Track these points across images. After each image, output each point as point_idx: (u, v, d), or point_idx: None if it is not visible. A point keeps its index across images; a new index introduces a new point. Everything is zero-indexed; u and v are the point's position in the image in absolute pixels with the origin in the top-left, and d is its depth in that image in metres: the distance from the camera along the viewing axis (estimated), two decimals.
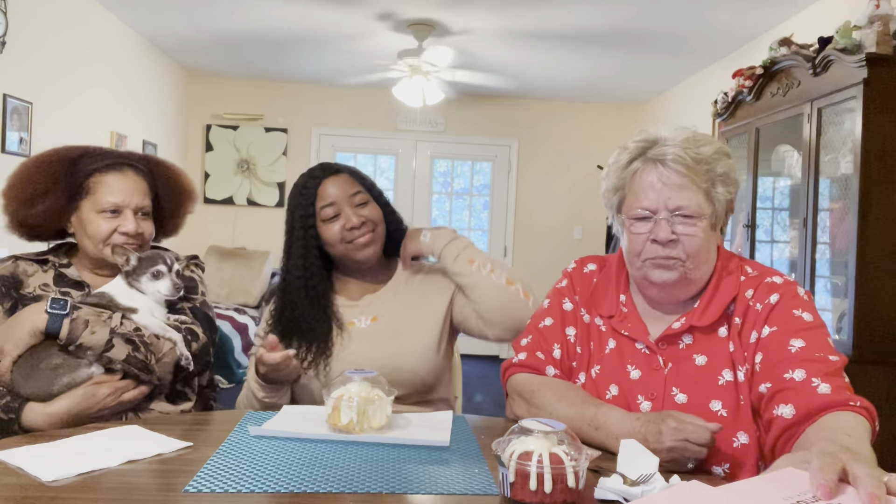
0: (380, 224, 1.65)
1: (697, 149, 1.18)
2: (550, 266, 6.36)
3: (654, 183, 1.19)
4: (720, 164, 1.20)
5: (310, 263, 1.62)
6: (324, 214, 1.61)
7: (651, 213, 1.19)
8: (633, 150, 1.23)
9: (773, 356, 1.11)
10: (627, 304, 1.29)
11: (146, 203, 1.53)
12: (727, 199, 1.22)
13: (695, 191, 1.18)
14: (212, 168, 6.16)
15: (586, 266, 1.38)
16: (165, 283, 1.45)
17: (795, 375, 1.06)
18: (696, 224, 1.18)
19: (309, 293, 1.61)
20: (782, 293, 1.17)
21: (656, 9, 3.90)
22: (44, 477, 0.95)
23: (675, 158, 1.17)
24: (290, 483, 0.96)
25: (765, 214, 3.72)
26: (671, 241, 1.18)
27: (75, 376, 1.32)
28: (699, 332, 1.20)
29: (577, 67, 5.05)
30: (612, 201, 1.28)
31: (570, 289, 1.37)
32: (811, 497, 0.77)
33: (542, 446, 0.91)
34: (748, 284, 1.21)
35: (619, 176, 1.25)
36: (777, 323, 1.14)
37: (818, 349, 1.09)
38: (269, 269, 5.72)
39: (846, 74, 2.75)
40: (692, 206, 1.17)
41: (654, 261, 1.20)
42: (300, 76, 5.94)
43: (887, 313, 2.65)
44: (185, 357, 1.42)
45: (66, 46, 3.94)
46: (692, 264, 1.19)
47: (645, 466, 0.97)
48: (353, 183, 1.65)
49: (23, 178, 1.48)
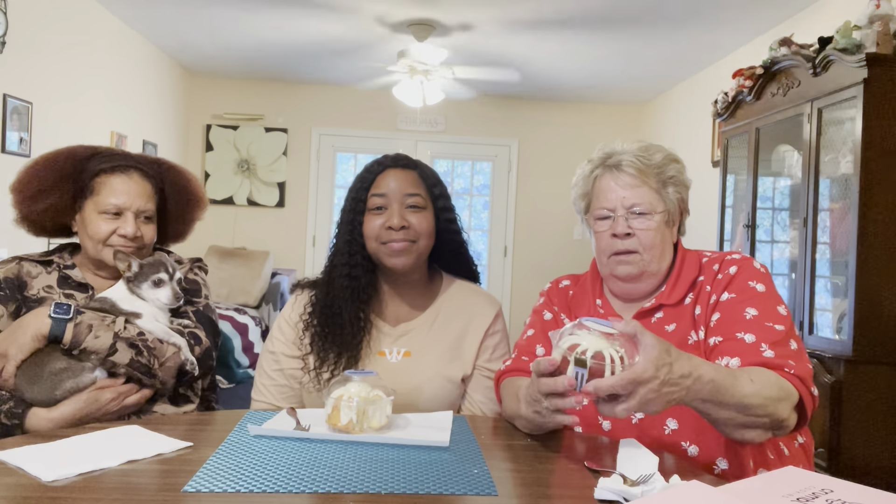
0: (424, 237, 1.51)
1: (649, 156, 1.37)
2: (550, 266, 6.36)
3: (611, 185, 1.37)
4: (669, 168, 1.37)
5: (355, 251, 1.50)
6: (371, 203, 1.50)
7: (610, 211, 1.37)
8: (595, 161, 1.42)
9: (729, 318, 1.26)
10: (604, 306, 1.44)
11: (149, 207, 1.53)
12: (678, 199, 1.39)
13: (647, 190, 1.35)
14: (212, 168, 6.16)
15: (560, 283, 1.54)
16: (166, 292, 1.44)
17: (746, 338, 1.21)
18: (650, 219, 1.34)
19: (352, 283, 1.49)
20: (740, 266, 1.33)
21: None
22: (44, 477, 0.95)
23: (628, 163, 1.36)
24: (289, 483, 0.96)
25: (765, 214, 3.72)
26: (627, 234, 1.34)
27: (79, 381, 1.32)
28: (668, 307, 1.36)
29: (580, 57, 5.02)
30: (581, 207, 1.47)
31: (547, 304, 1.52)
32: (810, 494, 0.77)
33: (603, 346, 1.02)
34: (711, 262, 1.37)
35: (584, 184, 1.44)
36: (735, 291, 1.29)
37: (769, 319, 1.23)
38: (269, 269, 5.72)
39: (846, 74, 2.75)
40: (645, 203, 1.34)
41: (617, 257, 1.36)
42: (300, 76, 5.95)
43: (887, 313, 2.65)
44: (190, 362, 1.42)
45: (66, 46, 3.94)
46: (649, 256, 1.35)
47: (645, 466, 0.97)
48: (417, 184, 1.53)
49: (31, 174, 1.49)
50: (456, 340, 1.55)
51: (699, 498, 0.80)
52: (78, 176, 1.50)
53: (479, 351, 1.56)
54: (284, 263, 6.16)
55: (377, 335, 1.53)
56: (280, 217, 6.26)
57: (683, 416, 1.23)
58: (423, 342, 1.54)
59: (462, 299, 1.61)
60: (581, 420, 1.34)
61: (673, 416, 1.25)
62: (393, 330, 1.54)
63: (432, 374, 1.50)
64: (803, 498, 0.77)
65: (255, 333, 5.13)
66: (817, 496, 0.77)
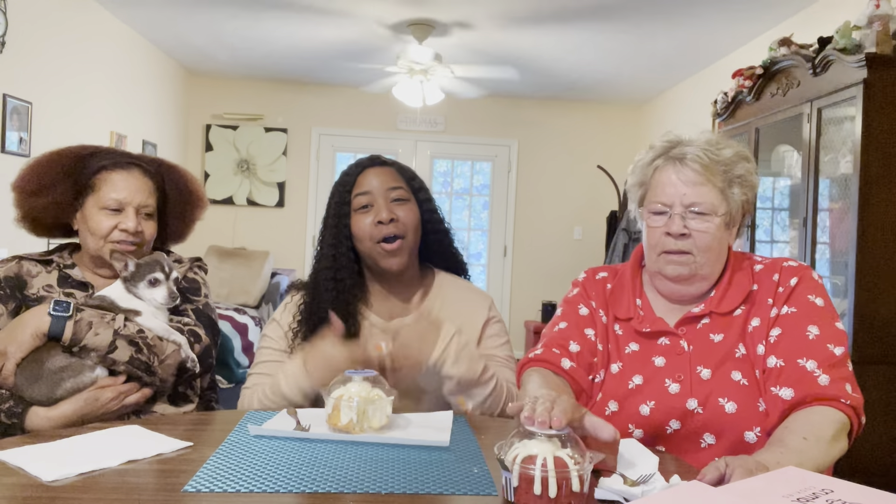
0: (412, 230, 1.53)
1: (717, 151, 1.27)
2: (550, 266, 6.37)
3: (671, 179, 1.27)
4: (738, 167, 1.28)
5: (340, 255, 1.52)
6: (356, 203, 1.52)
7: (667, 207, 1.27)
8: (657, 148, 1.32)
9: (790, 337, 1.21)
10: (644, 306, 1.35)
11: (150, 202, 1.53)
12: (742, 201, 1.29)
13: (710, 189, 1.25)
14: (212, 168, 6.16)
15: (598, 274, 1.45)
16: (161, 292, 1.43)
17: (808, 365, 1.16)
18: (708, 220, 1.25)
19: (337, 285, 1.50)
20: (800, 277, 1.27)
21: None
22: (44, 477, 0.95)
23: (693, 158, 1.26)
24: (290, 483, 0.96)
25: (765, 214, 3.72)
26: (683, 234, 1.25)
27: (79, 380, 1.32)
28: (716, 315, 1.29)
29: (579, 56, 5.01)
30: (636, 195, 1.37)
31: (583, 296, 1.42)
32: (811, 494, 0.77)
33: (545, 450, 0.90)
34: (768, 271, 1.29)
35: (642, 172, 1.34)
36: (796, 305, 1.24)
37: (829, 339, 1.19)
38: (268, 269, 5.72)
39: (846, 74, 2.75)
40: (706, 203, 1.25)
41: (668, 255, 1.28)
42: (300, 76, 5.95)
43: (887, 313, 2.65)
44: (190, 359, 1.42)
45: (66, 46, 3.94)
46: (702, 259, 1.26)
47: (645, 466, 0.97)
48: (396, 178, 1.56)
49: (32, 171, 1.50)
50: None
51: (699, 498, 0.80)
52: (79, 173, 1.51)
53: (481, 341, 1.57)
54: (284, 263, 6.16)
55: (372, 330, 1.53)
56: (280, 217, 6.26)
57: (721, 432, 1.21)
58: None
59: (455, 295, 1.62)
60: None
61: (711, 431, 1.22)
62: (387, 325, 1.55)
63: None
64: (803, 498, 0.77)
65: (255, 333, 5.13)
66: (817, 496, 0.77)
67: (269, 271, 5.72)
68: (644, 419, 1.25)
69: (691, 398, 1.22)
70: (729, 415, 1.19)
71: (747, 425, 1.19)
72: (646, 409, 1.25)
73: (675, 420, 1.23)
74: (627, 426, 1.26)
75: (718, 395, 1.21)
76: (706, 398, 1.21)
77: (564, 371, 1.31)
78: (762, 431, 1.18)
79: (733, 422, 1.19)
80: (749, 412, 1.19)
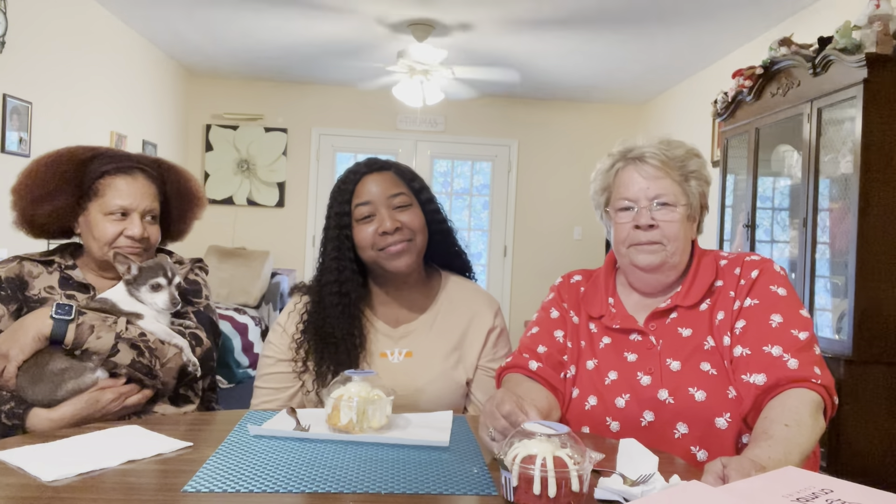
0: (419, 233, 1.50)
1: (671, 150, 1.36)
2: (550, 266, 6.36)
3: (634, 177, 1.36)
4: (691, 163, 1.37)
5: (343, 267, 1.48)
6: (358, 213, 1.48)
7: (633, 202, 1.35)
8: (615, 155, 1.41)
9: (754, 326, 1.26)
10: (616, 304, 1.42)
11: (154, 207, 1.52)
12: (700, 193, 1.38)
13: (670, 182, 1.34)
14: (212, 168, 6.16)
15: (572, 278, 1.53)
16: (163, 297, 1.42)
17: (773, 351, 1.21)
18: (673, 210, 1.33)
19: (342, 300, 1.47)
20: (762, 269, 1.32)
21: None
22: (44, 477, 0.95)
23: (651, 155, 1.35)
24: (289, 483, 0.96)
25: (765, 214, 3.72)
26: (651, 226, 1.33)
27: (80, 382, 1.32)
28: (683, 309, 1.35)
29: (580, 57, 5.02)
30: (600, 201, 1.45)
31: (556, 300, 1.50)
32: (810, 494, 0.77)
33: (545, 450, 0.90)
34: (731, 265, 1.35)
35: (604, 178, 1.43)
36: (758, 296, 1.29)
37: (794, 325, 1.24)
38: (268, 269, 5.72)
39: (846, 74, 2.75)
40: (669, 195, 1.33)
41: (639, 246, 1.34)
42: (300, 76, 5.95)
43: (887, 313, 2.65)
44: (192, 363, 1.42)
45: (66, 46, 3.94)
46: (672, 248, 1.33)
47: (645, 466, 0.97)
48: (397, 183, 1.51)
49: (32, 177, 1.48)
50: (458, 341, 1.55)
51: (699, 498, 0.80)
52: (81, 178, 1.49)
53: (482, 351, 1.56)
54: (284, 263, 6.16)
55: (378, 337, 1.52)
56: (280, 217, 6.26)
57: (693, 420, 1.24)
58: (424, 343, 1.53)
59: (461, 299, 1.60)
60: (588, 422, 1.34)
61: (683, 420, 1.25)
62: (394, 331, 1.54)
63: (435, 375, 1.50)
64: (803, 498, 0.77)
65: (255, 333, 5.13)
66: (817, 496, 0.77)
67: (269, 271, 5.72)
68: (620, 411, 1.30)
69: (662, 388, 1.28)
70: (699, 403, 1.24)
71: (717, 412, 1.23)
72: (621, 402, 1.31)
73: (648, 411, 1.28)
74: (605, 419, 1.31)
75: (688, 385, 1.26)
76: (676, 388, 1.27)
77: (533, 372, 1.39)
78: (732, 417, 1.23)
79: (703, 409, 1.24)
80: (718, 399, 1.24)
